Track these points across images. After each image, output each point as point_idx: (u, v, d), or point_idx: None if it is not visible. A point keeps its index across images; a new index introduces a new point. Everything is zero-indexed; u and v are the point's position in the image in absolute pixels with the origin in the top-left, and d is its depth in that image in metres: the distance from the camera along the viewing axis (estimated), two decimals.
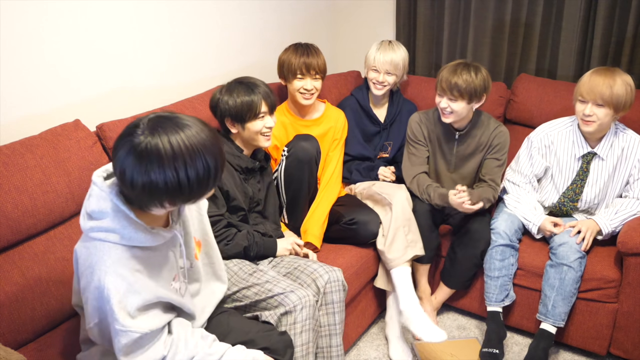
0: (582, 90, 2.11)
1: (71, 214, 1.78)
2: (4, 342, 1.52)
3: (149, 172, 1.16)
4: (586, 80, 2.11)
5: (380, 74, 2.54)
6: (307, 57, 2.30)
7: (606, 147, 2.19)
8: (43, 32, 1.88)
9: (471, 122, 2.35)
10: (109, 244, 1.24)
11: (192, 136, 1.19)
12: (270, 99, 1.95)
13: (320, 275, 1.89)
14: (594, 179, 2.24)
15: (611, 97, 2.04)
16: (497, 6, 2.84)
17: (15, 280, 1.59)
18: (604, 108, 2.07)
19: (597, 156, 2.22)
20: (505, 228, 2.24)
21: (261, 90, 1.94)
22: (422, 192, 2.33)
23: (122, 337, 1.23)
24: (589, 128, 2.12)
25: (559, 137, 2.26)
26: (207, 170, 1.21)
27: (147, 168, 1.16)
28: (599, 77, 2.07)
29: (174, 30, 2.36)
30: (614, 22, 2.61)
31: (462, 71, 2.20)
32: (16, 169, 1.63)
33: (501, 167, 2.35)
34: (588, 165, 2.24)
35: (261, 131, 1.95)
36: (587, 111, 2.09)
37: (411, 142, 2.45)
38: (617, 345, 2.18)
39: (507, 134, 2.36)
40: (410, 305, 2.16)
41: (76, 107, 2.04)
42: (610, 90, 2.04)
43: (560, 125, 2.29)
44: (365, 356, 2.32)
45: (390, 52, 2.54)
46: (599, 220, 2.16)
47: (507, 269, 2.23)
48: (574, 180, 2.28)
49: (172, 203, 1.24)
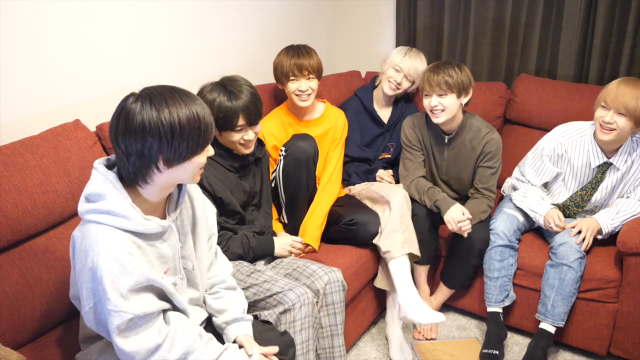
0: (607, 97, 2.07)
1: (71, 214, 1.78)
2: (4, 342, 1.52)
3: (141, 113, 1.24)
4: (613, 87, 2.07)
5: (401, 75, 2.55)
6: (298, 58, 2.29)
7: (622, 158, 2.17)
8: (43, 32, 1.88)
9: (460, 125, 2.35)
10: (103, 226, 1.26)
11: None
12: (250, 112, 1.84)
13: (320, 277, 1.89)
14: (605, 186, 2.23)
15: (635, 109, 2.01)
16: (497, 6, 2.84)
17: (15, 280, 1.59)
18: (625, 118, 2.04)
19: (613, 166, 2.19)
20: (504, 228, 2.24)
21: (242, 101, 1.83)
22: (421, 195, 2.33)
23: (114, 317, 1.24)
24: (605, 137, 2.09)
25: (573, 145, 2.23)
26: (195, 115, 1.28)
27: (140, 113, 1.25)
28: (627, 87, 2.03)
29: (174, 30, 2.36)
30: (614, 22, 2.61)
31: (444, 67, 2.24)
32: (16, 169, 1.63)
33: (495, 174, 2.36)
34: (603, 175, 2.22)
35: (239, 142, 1.89)
36: (607, 118, 2.06)
37: (406, 147, 2.45)
38: (617, 345, 2.18)
39: (499, 141, 2.36)
40: (408, 294, 2.15)
41: (76, 107, 2.04)
42: (636, 102, 2.01)
43: (574, 133, 2.24)
44: (365, 356, 2.32)
45: (418, 60, 2.59)
46: (600, 219, 2.16)
47: (507, 270, 2.23)
48: (584, 186, 2.26)
49: (166, 161, 1.27)
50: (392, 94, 2.60)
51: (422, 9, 3.03)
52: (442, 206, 2.25)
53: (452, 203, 2.24)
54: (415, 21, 3.10)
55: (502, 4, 2.82)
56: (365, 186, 2.47)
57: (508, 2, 2.80)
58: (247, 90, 1.87)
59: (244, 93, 1.85)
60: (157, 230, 1.34)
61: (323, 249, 2.24)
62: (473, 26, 2.91)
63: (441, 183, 2.47)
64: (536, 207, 2.26)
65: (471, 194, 2.40)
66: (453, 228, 2.21)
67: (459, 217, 2.19)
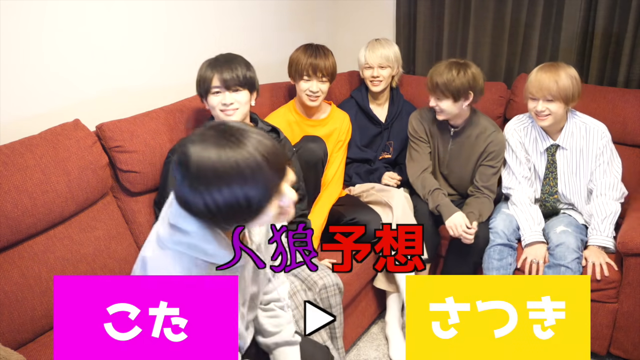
0: (530, 88, 2.19)
1: (71, 213, 1.78)
2: (4, 342, 1.52)
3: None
4: (533, 78, 2.18)
5: (374, 69, 2.57)
6: (315, 58, 2.27)
7: (567, 137, 2.25)
8: (43, 32, 1.88)
9: (467, 121, 2.37)
10: (187, 255, 1.14)
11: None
12: (223, 72, 1.87)
13: (315, 282, 1.90)
14: (562, 170, 2.29)
15: (558, 91, 2.12)
16: (497, 6, 2.84)
17: (15, 280, 1.59)
18: (554, 102, 2.14)
19: (560, 147, 2.27)
20: (503, 227, 2.25)
21: (222, 64, 1.88)
22: (425, 194, 2.34)
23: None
24: (544, 123, 2.19)
25: (525, 132, 2.33)
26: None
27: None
28: (544, 73, 2.15)
29: (174, 30, 2.36)
30: (614, 22, 2.61)
31: (444, 70, 2.24)
32: (16, 169, 1.63)
33: (496, 174, 2.38)
34: (553, 157, 2.28)
35: (219, 107, 1.89)
36: (539, 108, 2.16)
37: (413, 139, 2.46)
38: (617, 345, 2.18)
39: (504, 142, 2.37)
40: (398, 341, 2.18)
41: (76, 107, 2.03)
42: (556, 85, 2.12)
43: (524, 122, 2.35)
44: (365, 356, 2.31)
45: (379, 47, 2.59)
46: (597, 242, 2.17)
47: (505, 269, 2.23)
48: (545, 174, 2.32)
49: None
50: (379, 90, 2.61)
51: (422, 9, 3.03)
52: (444, 212, 2.26)
53: (455, 210, 2.25)
54: (415, 21, 3.09)
55: (502, 4, 2.82)
56: (366, 188, 2.48)
57: (508, 2, 2.80)
58: (231, 56, 1.92)
59: (228, 59, 1.90)
60: (244, 262, 1.22)
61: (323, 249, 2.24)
62: (473, 26, 2.91)
63: (440, 177, 2.48)
64: (525, 228, 2.26)
65: (471, 191, 2.41)
66: (454, 234, 2.22)
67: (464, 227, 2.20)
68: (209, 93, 1.90)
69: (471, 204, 2.34)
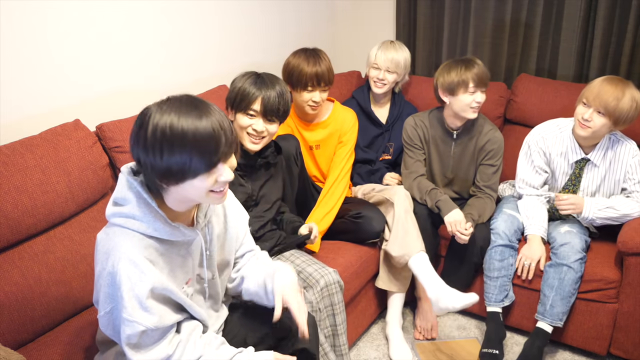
0: (588, 94, 2.08)
1: (71, 213, 1.78)
2: (4, 342, 1.52)
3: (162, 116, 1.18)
4: (596, 85, 2.07)
5: (381, 71, 2.56)
6: (319, 67, 2.19)
7: (600, 155, 2.19)
8: (43, 33, 1.88)
9: (467, 122, 2.37)
10: (127, 231, 1.24)
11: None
12: (269, 102, 1.78)
13: (317, 281, 1.90)
14: (586, 184, 2.24)
15: (615, 109, 2.02)
16: (497, 6, 2.84)
17: (15, 280, 1.59)
18: (603, 117, 2.05)
19: (590, 162, 2.21)
20: (504, 228, 2.25)
21: (270, 90, 1.78)
22: (422, 195, 2.34)
23: (127, 326, 1.22)
24: (583, 132, 2.11)
25: (554, 141, 2.26)
26: (218, 123, 1.20)
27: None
28: (610, 86, 2.03)
29: (174, 30, 2.36)
30: (614, 22, 2.61)
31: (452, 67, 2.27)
32: (16, 169, 1.63)
33: (497, 172, 2.38)
34: (581, 172, 2.23)
35: (247, 130, 1.82)
36: (586, 116, 2.07)
37: (407, 146, 2.46)
38: (617, 346, 2.18)
39: (502, 140, 2.37)
40: (436, 286, 2.11)
41: (76, 107, 2.04)
42: (616, 103, 2.01)
43: (554, 128, 2.27)
44: (365, 356, 2.31)
45: (392, 50, 2.57)
46: (587, 203, 2.15)
47: (507, 269, 2.23)
48: (566, 184, 2.28)
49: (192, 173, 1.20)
50: (381, 92, 2.60)
51: (422, 9, 3.03)
52: (444, 207, 2.25)
53: (454, 207, 2.25)
54: (415, 21, 3.09)
55: (502, 4, 2.82)
56: (368, 187, 2.48)
57: (508, 2, 2.80)
58: (280, 86, 1.82)
59: (274, 85, 1.81)
60: (182, 238, 1.31)
61: (323, 248, 2.23)
62: (473, 26, 2.91)
63: (441, 183, 2.48)
64: (529, 221, 2.26)
65: (472, 192, 2.41)
66: (452, 230, 2.22)
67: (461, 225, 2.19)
68: (242, 111, 1.81)
69: (472, 204, 2.34)
